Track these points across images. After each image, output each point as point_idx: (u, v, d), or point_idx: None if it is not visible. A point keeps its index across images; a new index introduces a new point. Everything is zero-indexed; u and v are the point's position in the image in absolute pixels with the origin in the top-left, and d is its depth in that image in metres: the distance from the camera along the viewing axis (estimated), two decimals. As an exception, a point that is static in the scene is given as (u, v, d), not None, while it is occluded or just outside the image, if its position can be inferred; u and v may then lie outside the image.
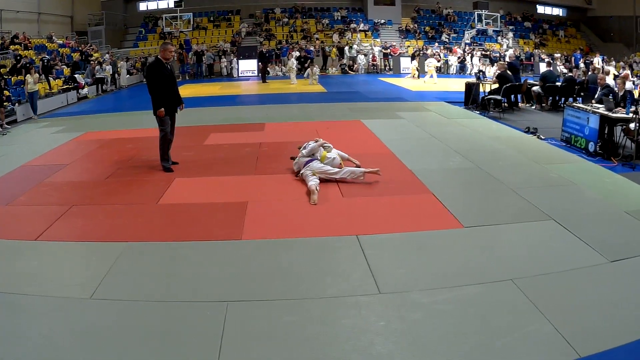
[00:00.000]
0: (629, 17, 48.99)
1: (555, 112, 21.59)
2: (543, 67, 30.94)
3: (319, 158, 11.50)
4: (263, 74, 38.56)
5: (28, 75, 23.91)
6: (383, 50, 45.87)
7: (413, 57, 41.61)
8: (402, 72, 42.88)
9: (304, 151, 11.64)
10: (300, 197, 10.55)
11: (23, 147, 16.71)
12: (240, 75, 41.86)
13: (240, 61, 42.45)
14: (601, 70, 27.93)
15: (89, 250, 8.30)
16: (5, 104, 21.98)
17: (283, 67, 43.82)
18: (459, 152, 13.72)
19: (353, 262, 7.50)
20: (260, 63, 38.92)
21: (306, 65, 39.15)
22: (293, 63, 36.83)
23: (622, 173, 12.13)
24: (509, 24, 53.61)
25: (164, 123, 12.52)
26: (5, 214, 10.07)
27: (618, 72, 29.86)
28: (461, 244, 8.10)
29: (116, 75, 36.93)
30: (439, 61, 41.79)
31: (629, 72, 29.66)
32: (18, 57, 29.10)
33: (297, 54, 43.79)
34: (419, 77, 37.45)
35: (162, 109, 12.26)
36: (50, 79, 29.13)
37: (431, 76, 35.58)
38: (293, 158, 12.03)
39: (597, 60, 38.32)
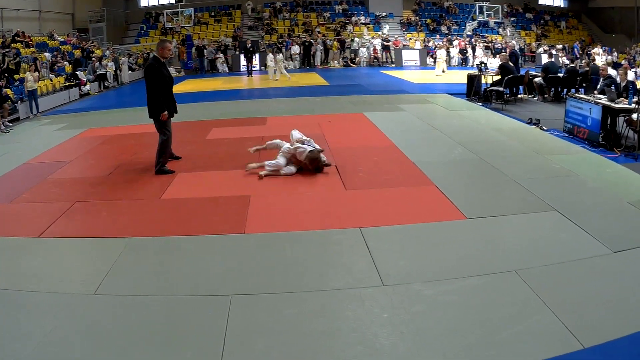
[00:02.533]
0: (630, 8, 48.83)
1: (558, 103, 21.56)
2: (544, 59, 30.96)
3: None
4: (248, 68, 38.78)
5: (28, 73, 23.93)
6: (385, 43, 45.76)
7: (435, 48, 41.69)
8: (404, 64, 42.93)
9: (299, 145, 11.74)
10: (303, 190, 10.58)
11: (25, 144, 16.75)
12: (241, 69, 41.75)
13: (241, 56, 42.38)
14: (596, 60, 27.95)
15: (92, 246, 8.34)
16: (7, 102, 22.00)
17: (284, 60, 43.91)
18: (461, 144, 13.71)
19: (356, 255, 7.52)
20: (245, 57, 38.98)
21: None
22: (270, 59, 36.77)
23: (624, 164, 12.13)
24: (511, 16, 53.53)
25: (168, 126, 12.22)
26: (8, 212, 10.11)
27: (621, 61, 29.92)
28: (464, 236, 8.10)
29: (118, 71, 36.93)
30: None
31: (627, 63, 29.57)
32: (15, 56, 29.10)
33: (297, 48, 43.85)
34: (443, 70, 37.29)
35: (166, 112, 11.96)
36: (52, 76, 29.18)
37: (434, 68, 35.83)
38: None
39: (598, 51, 38.26)
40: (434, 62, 39.12)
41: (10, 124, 21.02)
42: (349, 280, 6.77)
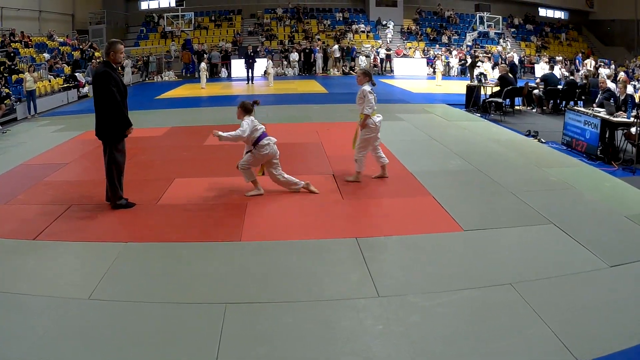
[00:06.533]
0: (631, 21, 49.04)
1: (556, 115, 21.59)
2: (540, 70, 31.10)
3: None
4: (248, 74, 38.36)
5: (27, 73, 23.92)
6: (386, 52, 45.73)
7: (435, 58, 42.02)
8: (403, 73, 42.98)
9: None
10: (300, 198, 10.60)
11: (23, 145, 16.74)
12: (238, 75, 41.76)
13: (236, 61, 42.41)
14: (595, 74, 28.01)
15: (87, 250, 8.33)
16: (6, 101, 21.98)
17: (288, 68, 44.02)
18: (460, 155, 13.74)
19: (352, 265, 7.52)
20: (245, 63, 38.63)
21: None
22: (270, 66, 36.81)
23: (622, 177, 12.14)
24: (511, 27, 53.64)
25: (123, 147, 10.34)
26: (3, 213, 10.11)
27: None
28: (460, 248, 8.11)
29: (119, 73, 36.83)
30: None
31: (625, 76, 29.58)
32: (12, 54, 29.02)
33: (297, 55, 43.92)
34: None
35: (131, 127, 10.21)
36: (51, 77, 29.22)
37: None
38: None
39: (590, 62, 38.35)
40: (434, 72, 39.24)
41: (6, 125, 20.96)
42: (344, 291, 6.77)
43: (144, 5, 53.96)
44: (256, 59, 39.04)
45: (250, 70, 37.88)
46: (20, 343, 5.63)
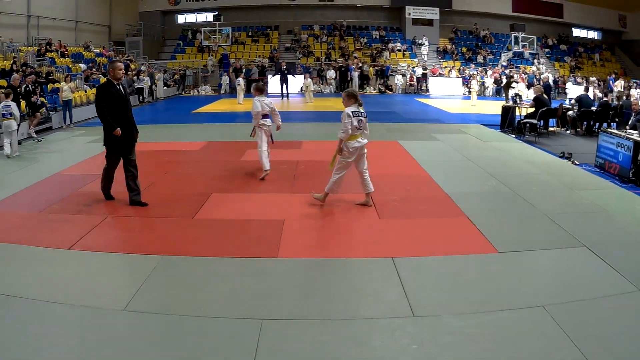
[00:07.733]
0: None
1: (590, 137, 21.52)
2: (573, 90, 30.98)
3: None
4: (282, 91, 38.36)
5: (63, 82, 24.15)
6: (423, 70, 45.70)
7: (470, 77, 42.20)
8: (439, 93, 42.97)
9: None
10: (337, 216, 10.71)
11: (58, 155, 17.20)
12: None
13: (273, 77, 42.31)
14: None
15: (123, 261, 8.47)
16: (41, 110, 22.22)
17: (325, 85, 44.15)
18: (494, 176, 13.76)
19: (388, 284, 7.57)
20: (280, 80, 38.51)
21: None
22: (309, 83, 36.89)
23: (655, 201, 12.07)
24: (545, 47, 53.48)
25: (112, 154, 11.35)
26: (39, 221, 10.29)
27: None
28: (495, 269, 8.13)
29: (153, 86, 37.12)
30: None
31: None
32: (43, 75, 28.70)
33: (333, 72, 43.98)
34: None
35: (118, 128, 10.95)
36: (87, 87, 29.52)
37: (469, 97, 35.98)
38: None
39: (620, 83, 38.06)
40: (469, 91, 39.22)
41: (40, 134, 21.24)
42: (379, 310, 6.83)
43: (181, 19, 54.60)
44: (289, 76, 39.22)
45: (284, 87, 38.00)
46: (55, 353, 5.78)
